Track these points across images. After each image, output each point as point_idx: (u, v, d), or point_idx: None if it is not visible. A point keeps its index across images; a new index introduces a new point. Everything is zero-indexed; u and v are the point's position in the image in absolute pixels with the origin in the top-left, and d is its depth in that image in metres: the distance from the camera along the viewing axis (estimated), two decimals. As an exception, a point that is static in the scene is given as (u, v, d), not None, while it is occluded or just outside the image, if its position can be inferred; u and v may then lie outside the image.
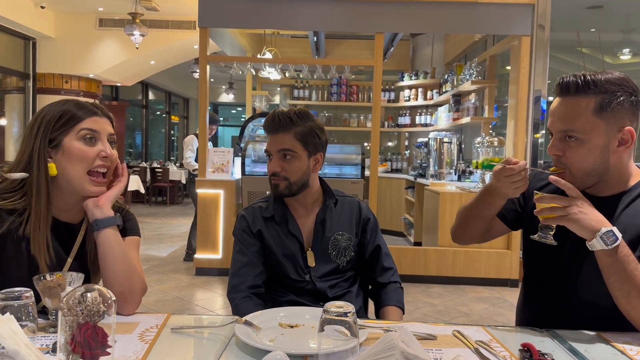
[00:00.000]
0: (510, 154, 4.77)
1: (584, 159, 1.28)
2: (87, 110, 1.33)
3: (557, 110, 1.31)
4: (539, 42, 4.77)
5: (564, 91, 1.30)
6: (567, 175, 1.30)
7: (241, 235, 1.70)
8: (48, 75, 8.50)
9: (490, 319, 3.90)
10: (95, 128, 1.32)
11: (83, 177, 1.31)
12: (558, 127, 1.30)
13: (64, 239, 1.38)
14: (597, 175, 1.30)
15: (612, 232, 1.18)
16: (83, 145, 1.31)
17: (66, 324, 0.87)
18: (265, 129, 1.66)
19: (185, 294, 4.36)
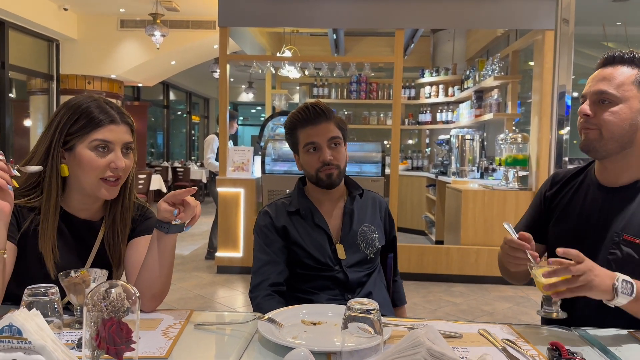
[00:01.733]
0: (535, 151, 4.69)
1: (614, 122, 1.32)
2: (107, 116, 1.30)
3: (597, 75, 1.36)
4: (563, 36, 4.67)
5: (608, 61, 1.36)
6: (596, 134, 1.33)
7: (263, 232, 1.68)
8: (71, 77, 8.64)
9: (514, 318, 3.84)
10: (109, 139, 1.29)
11: (94, 183, 1.31)
12: (595, 88, 1.34)
13: (84, 236, 1.39)
14: (622, 145, 1.33)
15: (624, 281, 1.15)
16: (94, 156, 1.29)
17: (91, 320, 0.87)
18: (303, 122, 1.64)
19: (206, 292, 4.39)
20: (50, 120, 1.33)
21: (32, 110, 8.77)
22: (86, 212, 1.39)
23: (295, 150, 1.72)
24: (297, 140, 1.68)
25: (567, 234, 1.44)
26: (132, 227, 1.45)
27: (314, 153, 1.63)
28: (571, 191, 1.49)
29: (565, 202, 1.49)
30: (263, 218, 1.71)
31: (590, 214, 1.40)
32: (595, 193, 1.42)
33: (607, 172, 1.41)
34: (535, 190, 4.66)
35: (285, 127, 1.72)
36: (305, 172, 1.70)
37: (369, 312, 0.94)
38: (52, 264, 1.29)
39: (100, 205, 1.41)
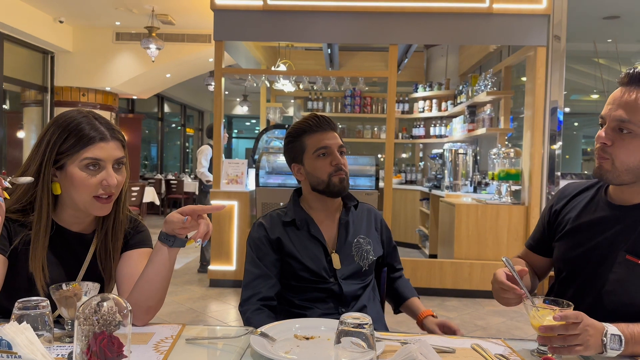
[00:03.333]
0: (527, 166, 4.72)
1: (632, 154, 1.25)
2: (98, 133, 1.28)
3: (619, 98, 1.26)
4: (555, 52, 4.74)
5: (633, 80, 1.25)
6: (609, 165, 1.28)
7: (256, 244, 1.67)
8: (66, 89, 8.63)
9: (507, 333, 3.83)
10: (99, 157, 1.28)
11: (87, 201, 1.30)
12: (616, 115, 1.25)
13: (76, 249, 1.38)
14: (637, 175, 1.28)
15: (612, 335, 1.12)
16: (85, 175, 1.28)
17: (82, 334, 0.87)
18: (312, 128, 1.66)
19: (199, 306, 4.36)
20: (40, 137, 1.31)
21: (25, 122, 8.75)
22: (78, 226, 1.39)
23: (298, 159, 1.70)
24: (303, 147, 1.67)
25: (572, 250, 1.41)
26: (125, 240, 1.44)
27: (326, 158, 1.64)
28: (580, 206, 1.46)
29: (572, 217, 1.45)
30: (257, 230, 1.69)
31: (597, 232, 1.37)
32: (605, 210, 1.38)
33: (620, 192, 1.36)
34: (527, 205, 4.68)
35: (289, 135, 1.71)
36: (312, 179, 1.67)
37: (362, 327, 0.94)
38: (42, 284, 1.28)
39: (93, 218, 1.41)
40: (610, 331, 1.12)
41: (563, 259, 1.45)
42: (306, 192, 1.73)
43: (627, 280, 1.29)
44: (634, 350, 1.14)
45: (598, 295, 1.33)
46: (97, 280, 1.32)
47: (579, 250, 1.39)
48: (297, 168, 1.71)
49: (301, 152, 1.68)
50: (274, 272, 1.65)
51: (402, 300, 1.82)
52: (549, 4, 4.61)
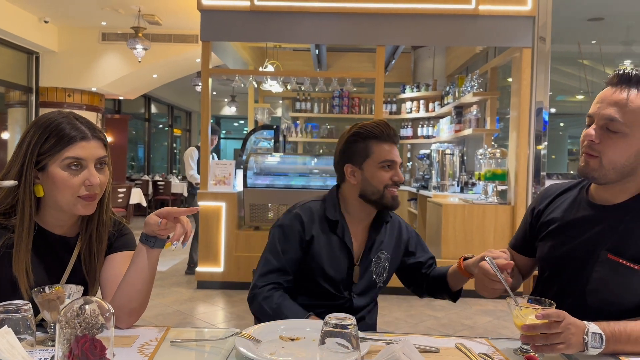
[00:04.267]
0: (513, 166, 4.76)
1: (619, 153, 1.26)
2: (78, 132, 1.27)
3: (609, 97, 1.27)
4: (540, 54, 4.78)
5: (623, 80, 1.26)
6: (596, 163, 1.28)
7: (285, 234, 1.62)
8: (51, 89, 8.54)
9: (494, 332, 3.86)
10: (81, 156, 1.27)
11: (70, 202, 1.29)
12: (605, 113, 1.25)
13: (59, 253, 1.37)
14: (623, 174, 1.29)
15: (593, 334, 1.14)
16: (67, 175, 1.27)
17: (64, 337, 0.86)
18: (383, 137, 1.61)
19: (186, 308, 4.33)
20: (21, 139, 1.30)
21: (10, 123, 8.64)
22: (62, 229, 1.38)
23: (357, 162, 1.63)
24: (368, 152, 1.61)
25: (555, 250, 1.42)
26: (109, 243, 1.43)
27: (389, 171, 1.61)
28: (562, 206, 1.46)
29: (555, 217, 1.46)
30: (292, 221, 1.64)
31: (579, 231, 1.38)
32: (587, 210, 1.39)
33: (603, 191, 1.37)
34: (513, 205, 4.72)
35: (356, 135, 1.63)
36: (366, 187, 1.61)
37: (346, 327, 0.94)
38: (26, 287, 1.26)
39: (76, 221, 1.40)
40: (591, 330, 1.13)
41: (546, 259, 1.46)
42: (349, 196, 1.66)
43: (609, 279, 1.30)
44: (615, 348, 1.16)
45: (581, 294, 1.35)
46: (81, 284, 1.31)
47: (562, 250, 1.40)
48: (352, 170, 1.64)
49: (364, 157, 1.61)
50: (292, 269, 1.61)
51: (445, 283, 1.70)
52: (534, 5, 4.66)
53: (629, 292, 1.28)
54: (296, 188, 4.77)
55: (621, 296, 1.28)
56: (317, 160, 5.11)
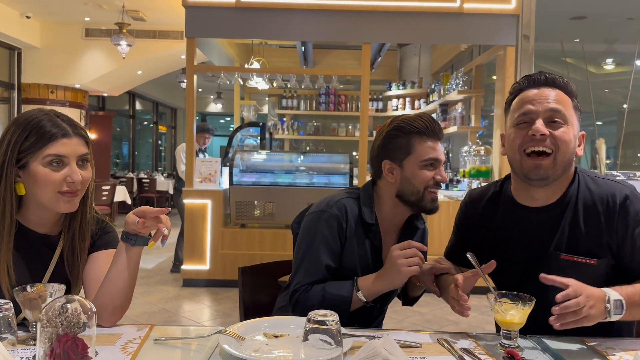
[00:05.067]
0: (497, 163, 4.81)
1: (568, 142, 1.29)
2: (59, 130, 1.27)
3: (542, 95, 1.31)
4: (524, 52, 4.83)
5: (549, 83, 1.33)
6: (550, 161, 1.28)
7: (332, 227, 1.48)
8: (33, 86, 8.43)
9: (479, 327, 3.90)
10: (62, 153, 1.26)
11: (52, 198, 1.28)
12: (548, 106, 1.29)
13: (41, 251, 1.36)
14: (564, 170, 1.32)
15: (615, 301, 1.15)
16: (49, 171, 1.26)
17: (45, 336, 0.86)
18: (427, 133, 1.48)
19: (172, 306, 4.31)
20: (1, 137, 1.28)
21: (-9, 120, 8.52)
22: (44, 227, 1.36)
23: (397, 158, 1.49)
24: (410, 148, 1.47)
25: (509, 263, 1.39)
26: (92, 242, 1.42)
27: (432, 170, 1.48)
28: (497, 216, 1.45)
29: (494, 229, 1.44)
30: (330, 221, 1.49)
31: (528, 239, 1.37)
32: (520, 214, 1.39)
33: (532, 195, 1.37)
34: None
35: (397, 129, 1.49)
36: (406, 186, 1.48)
37: (329, 324, 0.95)
38: (7, 287, 1.25)
39: (59, 219, 1.39)
40: (612, 297, 1.15)
41: (499, 273, 1.40)
42: (385, 195, 1.54)
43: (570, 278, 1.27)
44: (631, 311, 1.17)
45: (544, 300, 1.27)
46: (64, 282, 1.30)
47: (515, 262, 1.39)
48: (390, 167, 1.50)
49: (405, 153, 1.48)
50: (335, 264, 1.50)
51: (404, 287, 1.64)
52: (518, 4, 4.70)
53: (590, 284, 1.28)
54: (282, 185, 4.77)
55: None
56: (304, 158, 5.11)
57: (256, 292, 1.80)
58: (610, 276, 1.31)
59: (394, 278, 1.39)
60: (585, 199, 1.34)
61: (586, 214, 1.33)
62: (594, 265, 1.30)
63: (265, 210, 4.75)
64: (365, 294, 1.42)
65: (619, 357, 1.15)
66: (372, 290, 1.42)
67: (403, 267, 1.36)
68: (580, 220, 1.33)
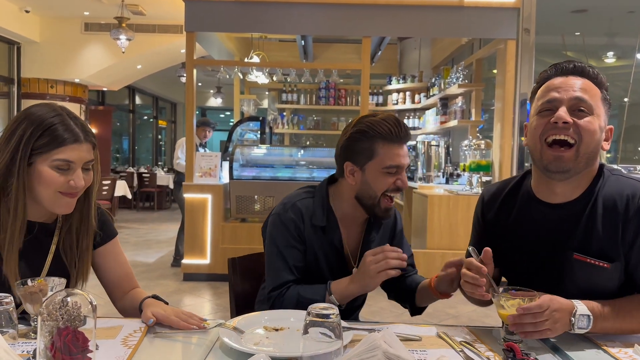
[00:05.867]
0: (497, 157, 4.81)
1: (592, 133, 1.24)
2: (71, 135, 1.26)
3: (568, 83, 1.26)
4: (525, 45, 4.82)
5: (577, 71, 1.28)
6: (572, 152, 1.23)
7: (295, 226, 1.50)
8: (33, 80, 8.41)
9: (478, 321, 3.91)
10: (71, 159, 1.27)
11: (52, 198, 1.29)
12: (573, 94, 1.24)
13: (40, 239, 1.37)
14: (588, 162, 1.26)
15: (580, 315, 1.15)
16: (55, 174, 1.26)
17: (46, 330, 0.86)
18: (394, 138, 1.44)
19: (172, 300, 4.33)
20: (10, 131, 1.27)
21: (-9, 114, 8.51)
22: (40, 216, 1.37)
23: (358, 162, 1.47)
24: (372, 153, 1.44)
25: (522, 259, 1.38)
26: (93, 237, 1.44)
27: (392, 176, 1.45)
28: (514, 212, 1.41)
29: (512, 225, 1.41)
30: (289, 223, 1.51)
31: (543, 236, 1.34)
32: (541, 210, 1.35)
33: (552, 190, 1.32)
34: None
35: (362, 132, 1.46)
36: (364, 189, 1.48)
37: (329, 317, 0.95)
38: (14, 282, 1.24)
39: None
40: (579, 311, 1.15)
41: (512, 268, 1.41)
42: (345, 195, 1.53)
43: (578, 278, 1.29)
44: (602, 326, 1.18)
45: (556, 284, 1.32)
46: (63, 276, 1.31)
47: (527, 257, 1.37)
48: (352, 169, 1.48)
49: (367, 157, 1.45)
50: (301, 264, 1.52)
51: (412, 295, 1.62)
52: (519, -3, 4.69)
53: (598, 287, 1.28)
54: (282, 180, 4.77)
55: (592, 294, 1.26)
56: (304, 152, 5.11)
57: (245, 282, 1.83)
58: (625, 282, 1.28)
59: (367, 283, 1.39)
60: (606, 198, 1.28)
61: (605, 215, 1.27)
62: (606, 269, 1.25)
63: (265, 205, 4.75)
64: (338, 297, 1.42)
65: (619, 350, 1.15)
66: (344, 294, 1.43)
67: (374, 272, 1.36)
68: (598, 220, 1.27)
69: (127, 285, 1.48)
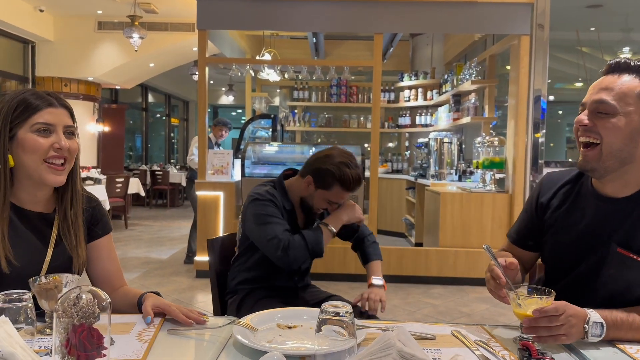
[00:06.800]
0: (511, 154, 4.76)
1: (615, 134, 1.24)
2: (44, 101, 1.33)
3: (599, 83, 1.29)
4: (539, 41, 4.76)
5: (612, 68, 1.28)
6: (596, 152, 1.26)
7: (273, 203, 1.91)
8: (47, 79, 8.50)
9: (491, 320, 3.89)
10: (50, 121, 1.32)
11: (39, 166, 1.31)
12: (595, 97, 1.27)
13: (41, 229, 1.39)
14: (621, 161, 1.26)
15: (594, 323, 1.15)
16: (36, 137, 1.30)
17: (61, 326, 0.86)
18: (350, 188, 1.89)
19: (185, 297, 4.35)
20: None
21: (6, 113, 8.60)
22: (38, 205, 1.39)
23: (318, 185, 1.91)
24: (329, 187, 1.89)
25: (565, 246, 1.40)
26: (88, 227, 1.47)
27: (331, 205, 1.95)
28: (569, 200, 1.43)
29: (562, 212, 1.43)
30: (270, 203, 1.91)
31: (590, 226, 1.35)
32: (595, 204, 1.36)
33: (605, 186, 1.35)
34: (511, 193, 4.73)
35: (332, 173, 1.86)
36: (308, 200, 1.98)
37: (342, 315, 0.95)
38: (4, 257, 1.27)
39: (51, 196, 1.42)
40: (592, 319, 1.15)
41: (556, 256, 1.44)
42: (296, 190, 1.99)
43: (618, 273, 1.29)
44: (615, 335, 1.17)
45: (590, 288, 1.34)
46: (66, 258, 1.37)
47: (572, 247, 1.38)
48: (310, 183, 1.92)
49: (324, 187, 1.90)
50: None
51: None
52: (533, -8, 4.63)
53: (636, 287, 1.28)
54: (294, 177, 4.77)
55: (628, 290, 1.28)
56: (315, 150, 5.10)
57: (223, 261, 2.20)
58: None
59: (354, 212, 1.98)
60: None
61: None
62: None
63: (277, 202, 4.75)
64: (332, 224, 1.91)
65: (637, 351, 1.13)
66: (336, 221, 1.94)
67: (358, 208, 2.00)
68: None
69: (117, 282, 1.52)
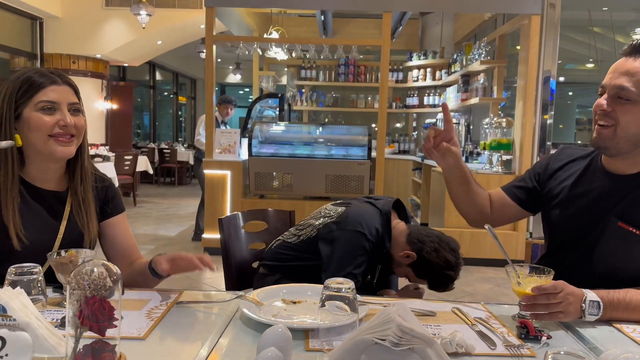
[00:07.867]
0: (519, 135, 4.74)
1: (633, 121, 1.27)
2: (47, 78, 1.35)
3: (620, 66, 1.29)
4: (549, 21, 4.70)
5: (635, 50, 1.28)
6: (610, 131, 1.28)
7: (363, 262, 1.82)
8: (55, 56, 8.50)
9: (494, 299, 3.92)
10: (53, 99, 1.34)
11: (46, 141, 1.34)
12: (616, 82, 1.27)
13: (54, 207, 1.43)
14: (635, 144, 1.30)
15: (590, 302, 1.16)
16: (40, 115, 1.33)
17: (74, 298, 0.90)
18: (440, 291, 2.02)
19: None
20: None
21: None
22: (50, 183, 1.43)
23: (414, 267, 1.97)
24: (422, 278, 2.01)
25: (569, 218, 1.43)
26: (100, 206, 1.50)
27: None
28: (575, 174, 1.47)
29: (568, 185, 1.47)
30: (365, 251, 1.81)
31: (594, 200, 1.39)
32: (601, 179, 1.40)
33: (615, 163, 1.38)
34: (518, 174, 4.72)
35: (432, 274, 1.97)
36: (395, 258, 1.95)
37: (345, 291, 0.98)
38: (15, 234, 1.31)
39: (63, 174, 1.45)
40: (589, 297, 1.17)
41: (558, 228, 1.47)
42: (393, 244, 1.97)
43: (618, 247, 1.32)
44: (612, 315, 1.19)
45: (590, 262, 1.37)
46: (78, 234, 1.41)
47: (575, 219, 1.41)
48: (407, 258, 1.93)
49: (418, 275, 2.02)
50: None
51: None
52: (545, -29, 4.56)
53: (635, 260, 1.31)
54: (301, 157, 4.78)
55: (628, 264, 1.30)
56: (322, 129, 5.10)
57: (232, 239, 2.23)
58: None
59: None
60: None
61: None
62: None
63: (283, 182, 4.78)
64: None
65: (634, 330, 1.16)
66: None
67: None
68: None
69: (134, 255, 1.58)
